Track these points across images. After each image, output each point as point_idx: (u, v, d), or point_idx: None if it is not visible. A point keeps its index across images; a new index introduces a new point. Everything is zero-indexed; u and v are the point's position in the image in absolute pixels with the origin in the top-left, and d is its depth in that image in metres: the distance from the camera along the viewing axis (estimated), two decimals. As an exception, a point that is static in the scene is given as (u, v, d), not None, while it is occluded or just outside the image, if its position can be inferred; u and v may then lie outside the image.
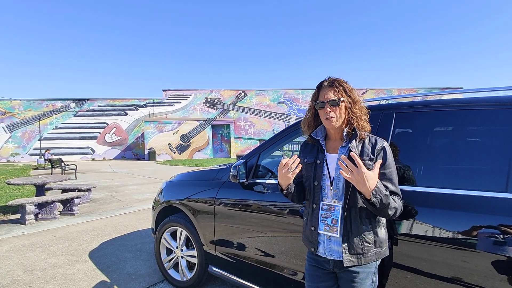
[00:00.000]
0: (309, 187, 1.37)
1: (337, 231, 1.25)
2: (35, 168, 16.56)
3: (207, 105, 26.25)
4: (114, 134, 25.21)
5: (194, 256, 2.59)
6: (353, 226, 1.25)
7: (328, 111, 1.29)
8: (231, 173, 2.10)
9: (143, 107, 25.75)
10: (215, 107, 26.30)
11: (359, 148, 1.28)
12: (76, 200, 5.65)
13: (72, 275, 2.98)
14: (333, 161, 1.33)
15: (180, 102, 26.09)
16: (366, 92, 26.21)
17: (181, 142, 24.02)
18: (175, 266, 2.80)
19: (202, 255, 2.51)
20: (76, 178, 11.10)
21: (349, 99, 1.30)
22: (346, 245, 1.24)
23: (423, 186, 1.44)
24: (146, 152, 23.02)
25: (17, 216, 5.27)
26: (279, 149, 2.25)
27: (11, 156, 23.65)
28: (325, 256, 1.31)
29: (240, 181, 2.12)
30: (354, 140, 1.29)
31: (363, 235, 1.24)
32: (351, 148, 1.27)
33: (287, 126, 2.16)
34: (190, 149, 24.11)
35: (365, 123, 1.32)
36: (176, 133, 23.99)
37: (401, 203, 1.24)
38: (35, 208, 5.10)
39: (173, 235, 2.81)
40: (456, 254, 1.28)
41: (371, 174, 1.14)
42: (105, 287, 2.75)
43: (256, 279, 2.14)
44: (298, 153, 1.48)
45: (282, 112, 26.71)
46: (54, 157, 14.15)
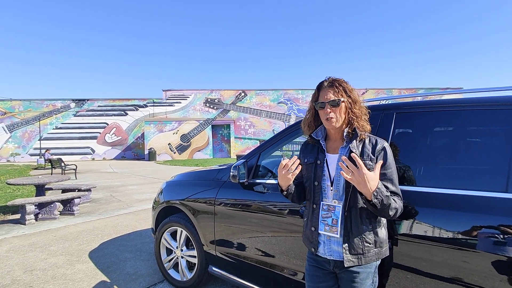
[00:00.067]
0: (310, 188, 1.37)
1: (338, 232, 1.25)
2: (35, 168, 16.56)
3: (207, 105, 26.24)
4: (114, 134, 25.21)
5: (194, 256, 2.59)
6: (354, 226, 1.25)
7: (328, 112, 1.29)
8: (231, 173, 2.10)
9: (143, 107, 25.76)
10: (215, 107, 26.29)
11: (360, 149, 1.28)
12: (76, 200, 5.65)
13: (72, 275, 2.98)
14: (334, 162, 1.33)
15: (180, 102, 26.09)
16: (366, 92, 26.21)
17: (181, 142, 24.01)
18: (175, 266, 2.80)
19: (202, 255, 2.51)
20: (76, 178, 11.10)
21: (349, 99, 1.30)
22: (347, 245, 1.24)
23: (423, 186, 1.44)
24: (146, 152, 23.02)
25: (17, 216, 5.27)
26: (279, 149, 2.25)
27: (11, 156, 23.65)
28: (326, 257, 1.31)
29: (240, 181, 2.12)
30: (355, 141, 1.29)
31: (364, 235, 1.24)
32: (352, 149, 1.26)
33: (287, 126, 2.16)
34: (190, 149, 24.10)
35: (365, 123, 1.32)
36: (176, 133, 23.98)
37: (402, 203, 1.25)
38: (35, 208, 5.10)
39: (173, 235, 2.81)
40: (456, 254, 1.28)
41: (372, 175, 1.14)
42: (105, 287, 2.75)
43: (256, 279, 2.14)
44: (299, 154, 1.48)
45: (282, 112, 26.71)
46: (54, 157, 14.16)
